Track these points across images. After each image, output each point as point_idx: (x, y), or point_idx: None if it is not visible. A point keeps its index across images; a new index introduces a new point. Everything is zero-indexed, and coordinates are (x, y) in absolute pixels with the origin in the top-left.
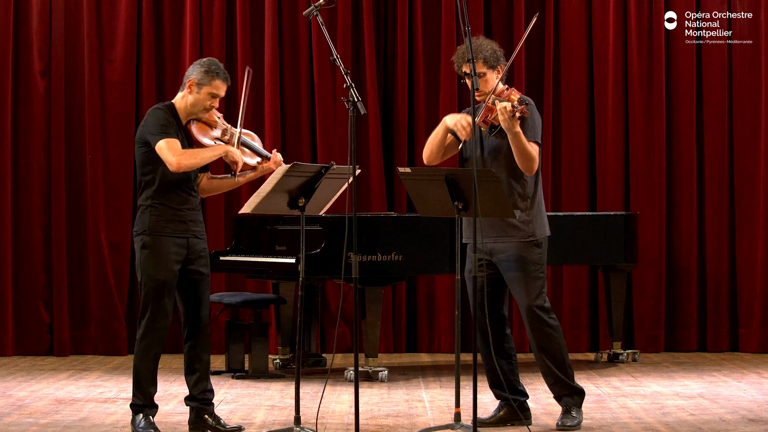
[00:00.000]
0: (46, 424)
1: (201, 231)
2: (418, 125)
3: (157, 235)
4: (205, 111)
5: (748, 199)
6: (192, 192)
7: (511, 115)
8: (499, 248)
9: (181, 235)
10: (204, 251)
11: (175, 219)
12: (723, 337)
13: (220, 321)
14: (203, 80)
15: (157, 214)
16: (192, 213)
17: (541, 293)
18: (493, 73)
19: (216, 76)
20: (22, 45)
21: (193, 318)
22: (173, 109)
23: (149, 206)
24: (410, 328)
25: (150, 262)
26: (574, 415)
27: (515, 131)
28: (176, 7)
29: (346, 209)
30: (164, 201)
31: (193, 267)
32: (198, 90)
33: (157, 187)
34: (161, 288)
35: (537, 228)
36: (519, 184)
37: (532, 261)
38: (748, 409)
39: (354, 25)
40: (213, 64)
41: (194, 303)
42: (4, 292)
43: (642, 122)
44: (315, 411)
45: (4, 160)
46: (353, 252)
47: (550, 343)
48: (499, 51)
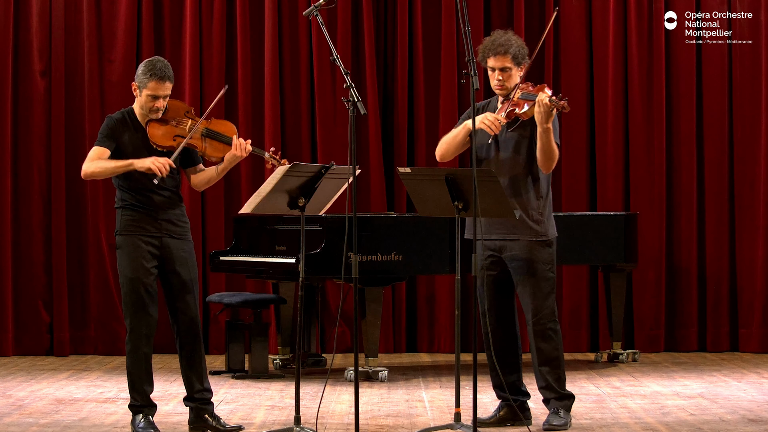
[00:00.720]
0: (46, 424)
1: (180, 231)
2: (418, 125)
3: (127, 235)
4: (153, 112)
5: (748, 199)
6: (166, 192)
7: (550, 109)
8: (509, 246)
9: (152, 234)
10: (184, 251)
11: (146, 218)
12: (723, 337)
13: (220, 321)
14: (141, 83)
15: (127, 215)
16: (166, 213)
17: (549, 295)
18: (518, 69)
19: (150, 77)
20: (22, 45)
21: (177, 319)
22: (132, 113)
23: (120, 207)
24: (410, 328)
25: (123, 262)
26: (561, 415)
27: (547, 126)
28: (176, 7)
29: (346, 209)
30: (134, 201)
31: (171, 267)
32: (140, 93)
33: (126, 188)
34: (136, 287)
35: (549, 228)
36: (535, 183)
37: (543, 261)
38: (748, 409)
39: (354, 25)
40: (149, 65)
41: (175, 304)
42: (4, 292)
43: (642, 122)
44: (315, 411)
45: (4, 160)
46: (353, 252)
47: (549, 347)
48: (525, 48)
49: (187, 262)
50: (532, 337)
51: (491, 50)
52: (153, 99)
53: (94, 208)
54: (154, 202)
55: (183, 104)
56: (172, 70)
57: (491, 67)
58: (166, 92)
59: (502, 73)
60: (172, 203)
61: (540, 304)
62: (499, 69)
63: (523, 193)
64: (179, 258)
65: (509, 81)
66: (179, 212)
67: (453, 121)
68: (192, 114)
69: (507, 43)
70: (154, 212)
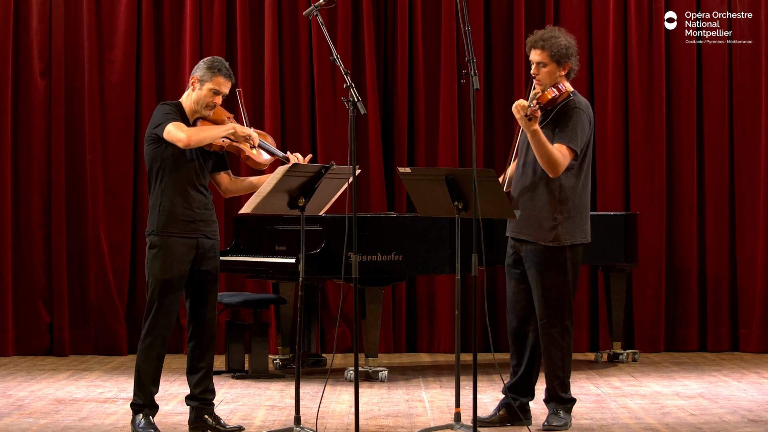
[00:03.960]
0: (46, 424)
1: (212, 231)
2: (418, 125)
3: (165, 235)
4: (209, 108)
5: (749, 199)
6: (202, 191)
7: (523, 114)
8: (525, 247)
9: (189, 236)
10: (213, 250)
11: (184, 219)
12: (723, 337)
13: (220, 321)
14: (205, 77)
15: (165, 214)
16: (202, 213)
17: (559, 299)
18: (559, 68)
19: (218, 72)
20: (22, 45)
21: (197, 317)
22: (180, 107)
23: (158, 206)
24: (410, 328)
25: (156, 262)
26: (561, 416)
27: (532, 129)
28: (176, 7)
29: (346, 209)
30: (173, 200)
31: (202, 268)
32: (200, 86)
33: (165, 186)
34: (166, 288)
35: (565, 234)
36: (558, 186)
37: (554, 265)
38: (748, 409)
39: (354, 25)
40: (216, 61)
41: (199, 303)
42: (4, 292)
43: (642, 122)
44: (315, 411)
45: (4, 160)
46: (353, 252)
47: (555, 350)
48: (571, 49)
49: (216, 263)
50: (540, 338)
51: (531, 42)
52: (214, 94)
53: (94, 208)
54: (198, 202)
55: (225, 110)
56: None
57: (531, 60)
58: (227, 91)
59: (538, 67)
60: (208, 203)
61: (548, 308)
62: (535, 62)
63: (542, 196)
64: (209, 259)
65: (546, 77)
66: (213, 213)
67: (453, 121)
68: (233, 120)
69: (550, 38)
70: (191, 212)
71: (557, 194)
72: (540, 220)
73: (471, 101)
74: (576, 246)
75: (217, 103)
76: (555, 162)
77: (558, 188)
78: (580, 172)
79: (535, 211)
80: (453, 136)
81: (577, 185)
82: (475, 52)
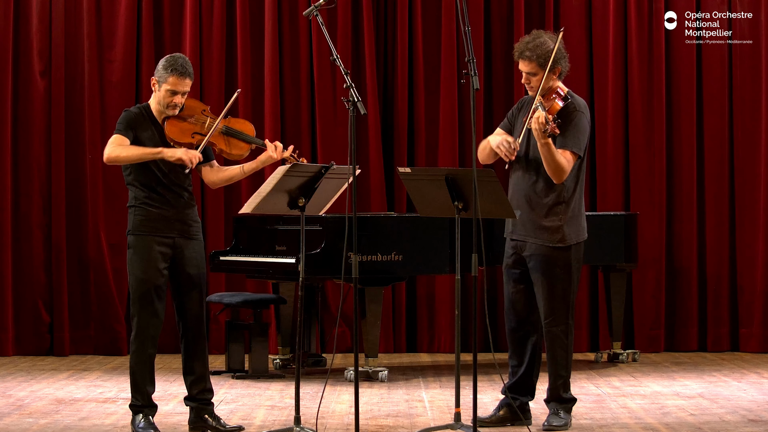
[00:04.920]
0: (46, 424)
1: (192, 231)
2: (418, 125)
3: (140, 235)
4: (171, 108)
5: (749, 199)
6: (177, 190)
7: (543, 130)
8: (528, 246)
9: (165, 235)
10: (194, 251)
11: (159, 218)
12: (723, 337)
13: (220, 321)
14: (161, 78)
15: (140, 214)
16: (179, 212)
17: (562, 298)
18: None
19: (172, 72)
20: (22, 45)
21: (184, 317)
22: (148, 109)
23: (133, 206)
24: (410, 328)
25: (134, 262)
26: (561, 416)
27: (543, 141)
28: (176, 7)
29: (346, 209)
30: (147, 201)
31: (181, 267)
32: (159, 87)
33: (139, 187)
34: (146, 288)
35: (569, 233)
36: (558, 187)
37: (558, 264)
38: (748, 409)
39: (354, 25)
40: (171, 60)
41: (184, 302)
42: (4, 292)
43: (642, 122)
44: (315, 411)
45: (4, 160)
46: (353, 252)
47: (557, 349)
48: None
49: (197, 262)
50: (544, 337)
51: (518, 53)
52: (172, 94)
53: (94, 208)
54: (174, 202)
55: (200, 103)
56: (192, 68)
57: (520, 69)
58: (185, 89)
59: (528, 77)
60: (186, 203)
61: (551, 307)
62: (525, 72)
63: (543, 196)
64: (190, 258)
65: (538, 85)
66: (192, 212)
67: (453, 121)
68: (209, 112)
69: (535, 47)
70: (167, 212)
71: (561, 195)
72: (544, 221)
73: (471, 101)
74: (579, 244)
75: (177, 102)
76: (562, 170)
77: (561, 189)
78: (579, 172)
79: (539, 212)
80: (453, 136)
81: (577, 185)
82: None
